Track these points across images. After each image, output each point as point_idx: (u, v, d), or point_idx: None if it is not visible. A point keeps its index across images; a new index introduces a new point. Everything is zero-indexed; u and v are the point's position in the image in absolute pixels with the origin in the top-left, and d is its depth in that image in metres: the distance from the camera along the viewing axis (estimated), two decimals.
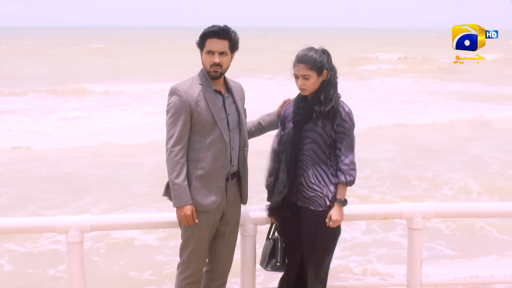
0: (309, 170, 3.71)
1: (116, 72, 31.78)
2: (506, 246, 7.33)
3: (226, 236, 3.87)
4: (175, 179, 3.60)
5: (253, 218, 4.00)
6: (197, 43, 3.67)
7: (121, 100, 21.25)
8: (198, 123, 3.65)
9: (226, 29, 3.62)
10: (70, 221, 3.90)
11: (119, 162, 11.85)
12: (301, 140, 3.71)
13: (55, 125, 16.05)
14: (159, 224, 4.21)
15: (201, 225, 3.69)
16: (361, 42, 79.42)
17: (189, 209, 3.63)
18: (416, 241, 4.23)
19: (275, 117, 4.04)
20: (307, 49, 3.72)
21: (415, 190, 9.86)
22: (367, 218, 4.42)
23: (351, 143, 3.71)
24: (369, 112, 18.43)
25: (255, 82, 27.02)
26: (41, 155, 12.38)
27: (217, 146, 3.68)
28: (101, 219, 4.11)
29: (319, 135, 3.68)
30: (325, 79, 3.69)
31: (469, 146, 13.65)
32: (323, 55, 3.69)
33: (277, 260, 3.85)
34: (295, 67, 3.70)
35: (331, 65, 3.71)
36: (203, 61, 3.68)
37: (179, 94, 3.63)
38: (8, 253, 7.07)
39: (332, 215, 3.70)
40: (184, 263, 3.80)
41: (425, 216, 4.20)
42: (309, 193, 3.72)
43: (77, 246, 3.89)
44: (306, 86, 3.68)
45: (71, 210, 8.61)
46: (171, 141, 3.62)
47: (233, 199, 3.84)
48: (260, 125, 4.07)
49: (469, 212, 4.60)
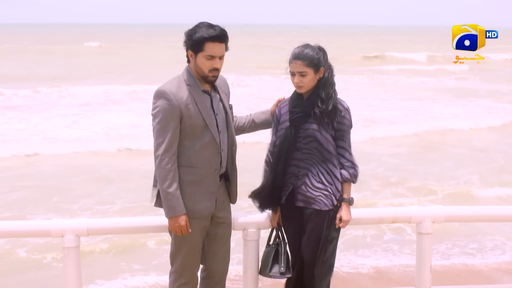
0: (314, 169, 3.62)
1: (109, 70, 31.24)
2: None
3: (219, 237, 3.73)
4: (168, 188, 3.43)
5: (256, 222, 3.88)
6: (189, 44, 3.44)
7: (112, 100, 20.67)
8: (188, 127, 3.47)
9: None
10: (66, 225, 3.78)
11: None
12: (300, 139, 3.63)
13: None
14: (158, 228, 4.05)
15: (193, 231, 3.55)
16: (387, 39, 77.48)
17: (184, 219, 3.48)
18: (425, 246, 4.12)
19: (269, 115, 3.91)
20: (303, 46, 3.62)
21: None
22: (375, 222, 4.30)
23: (350, 139, 3.67)
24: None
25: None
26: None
27: (209, 150, 3.54)
28: (98, 223, 3.99)
29: (320, 133, 3.59)
30: (322, 76, 3.61)
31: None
32: (320, 52, 3.61)
33: (280, 266, 3.73)
34: (291, 64, 3.60)
35: (327, 63, 3.64)
36: (199, 64, 3.45)
37: (167, 97, 3.42)
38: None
39: (343, 216, 3.64)
40: (177, 271, 3.66)
41: (435, 220, 4.10)
42: (314, 193, 3.62)
43: (73, 251, 3.78)
44: (303, 83, 3.59)
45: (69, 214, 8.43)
46: (161, 148, 3.43)
47: (223, 200, 3.71)
48: (254, 122, 3.93)
49: (480, 216, 4.48)
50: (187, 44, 3.46)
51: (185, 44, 3.47)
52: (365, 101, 20.66)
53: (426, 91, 24.25)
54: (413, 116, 17.81)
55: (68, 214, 8.28)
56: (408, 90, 24.64)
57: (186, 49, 3.49)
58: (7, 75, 28.05)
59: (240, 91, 20.85)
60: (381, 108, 19.31)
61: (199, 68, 3.47)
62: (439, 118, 17.28)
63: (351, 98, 18.06)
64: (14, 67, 32.64)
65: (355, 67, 34.76)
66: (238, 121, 3.90)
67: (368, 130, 14.82)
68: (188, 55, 3.50)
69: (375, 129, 15.31)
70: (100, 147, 13.00)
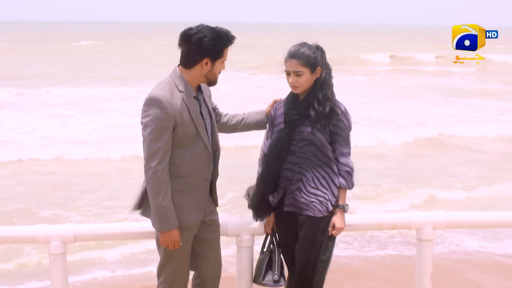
0: (309, 174, 3.47)
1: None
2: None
3: (209, 241, 3.59)
4: (162, 202, 3.25)
5: (250, 228, 3.74)
6: (207, 51, 3.24)
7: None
8: (180, 136, 3.28)
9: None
10: (51, 231, 3.64)
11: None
12: (295, 142, 3.48)
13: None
14: (149, 234, 3.92)
15: (183, 242, 3.41)
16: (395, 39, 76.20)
17: (177, 233, 3.33)
18: (425, 253, 3.98)
19: (264, 116, 3.76)
20: (300, 44, 3.48)
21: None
22: (374, 228, 4.16)
23: (348, 143, 3.52)
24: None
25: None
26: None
27: (201, 159, 3.38)
28: (86, 228, 3.86)
29: (316, 136, 3.44)
30: (319, 77, 3.46)
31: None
32: (317, 52, 3.47)
33: (274, 273, 3.60)
34: (287, 63, 3.46)
35: (325, 62, 3.49)
36: (215, 71, 3.31)
37: (162, 106, 3.21)
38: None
39: (336, 223, 3.49)
40: (166, 282, 3.51)
41: (435, 226, 3.96)
42: (308, 199, 3.48)
43: (60, 258, 3.63)
44: (298, 83, 3.44)
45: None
46: (155, 160, 3.22)
47: (209, 204, 3.56)
48: (247, 121, 3.77)
49: (483, 222, 4.33)
50: (202, 52, 3.25)
51: (198, 52, 3.26)
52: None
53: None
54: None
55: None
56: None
57: (200, 56, 3.27)
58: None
59: (226, 89, 20.27)
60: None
61: (213, 74, 3.34)
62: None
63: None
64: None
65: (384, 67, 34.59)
66: (230, 119, 3.76)
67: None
68: (201, 62, 3.29)
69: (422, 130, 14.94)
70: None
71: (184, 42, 3.29)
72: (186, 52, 3.30)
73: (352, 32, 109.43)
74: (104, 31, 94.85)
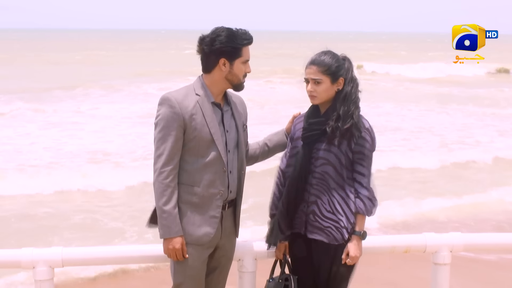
0: (324, 197, 3.19)
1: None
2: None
3: (217, 273, 3.36)
4: (164, 205, 3.10)
5: (253, 252, 3.48)
6: (223, 51, 3.12)
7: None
8: (191, 140, 3.14)
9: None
10: (37, 255, 3.37)
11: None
12: (313, 160, 3.20)
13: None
14: (144, 259, 3.72)
15: (193, 260, 3.17)
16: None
17: (179, 242, 3.12)
18: (442, 278, 3.72)
19: (284, 135, 3.52)
20: (323, 51, 3.23)
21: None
22: (386, 252, 3.86)
23: (370, 164, 3.21)
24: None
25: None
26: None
27: (214, 168, 3.17)
28: (74, 252, 3.59)
29: (334, 155, 3.15)
30: (341, 89, 3.18)
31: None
32: (341, 61, 3.20)
33: None
34: (307, 69, 3.22)
35: (351, 75, 3.21)
36: (235, 71, 3.17)
37: (171, 104, 3.13)
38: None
39: (350, 251, 3.18)
40: None
41: (452, 249, 3.70)
42: (323, 223, 3.19)
43: (47, 284, 3.37)
44: (316, 92, 3.18)
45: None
46: (161, 161, 3.12)
47: (229, 231, 3.32)
48: (267, 146, 3.54)
49: (504, 244, 4.04)
50: (217, 52, 3.13)
51: (213, 52, 3.14)
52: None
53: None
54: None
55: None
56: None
57: (215, 57, 3.15)
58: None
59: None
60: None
61: (235, 75, 3.17)
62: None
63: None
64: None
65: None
66: (249, 149, 3.53)
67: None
68: (219, 64, 3.15)
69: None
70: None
71: (199, 46, 3.21)
72: (203, 55, 3.22)
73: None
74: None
